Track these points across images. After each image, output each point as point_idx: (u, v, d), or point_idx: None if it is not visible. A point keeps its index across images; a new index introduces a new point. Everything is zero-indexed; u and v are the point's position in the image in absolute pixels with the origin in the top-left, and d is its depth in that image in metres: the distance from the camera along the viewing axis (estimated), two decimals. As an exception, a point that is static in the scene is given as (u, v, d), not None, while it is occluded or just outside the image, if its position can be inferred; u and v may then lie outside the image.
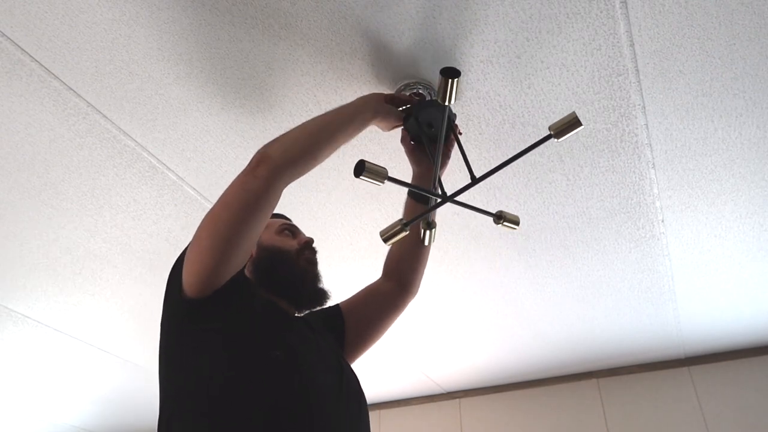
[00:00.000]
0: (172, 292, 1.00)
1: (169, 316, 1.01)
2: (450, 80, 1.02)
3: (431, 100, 1.24)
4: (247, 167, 0.98)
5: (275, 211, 1.30)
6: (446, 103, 1.06)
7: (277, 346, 0.97)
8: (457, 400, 3.13)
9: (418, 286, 1.34)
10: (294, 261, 1.16)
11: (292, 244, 1.18)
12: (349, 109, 1.12)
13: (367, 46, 1.17)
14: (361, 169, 1.05)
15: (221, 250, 0.93)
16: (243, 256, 0.97)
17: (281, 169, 0.98)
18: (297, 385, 0.94)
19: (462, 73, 1.23)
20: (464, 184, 1.17)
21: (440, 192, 1.19)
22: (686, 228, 1.75)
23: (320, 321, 1.21)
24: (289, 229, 1.22)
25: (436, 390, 3.13)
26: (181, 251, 1.03)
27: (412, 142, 1.25)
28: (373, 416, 3.22)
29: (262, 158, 0.98)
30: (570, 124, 1.06)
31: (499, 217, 1.21)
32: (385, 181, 1.08)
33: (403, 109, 1.20)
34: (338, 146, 1.09)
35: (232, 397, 0.89)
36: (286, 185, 1.01)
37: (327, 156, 1.08)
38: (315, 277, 1.17)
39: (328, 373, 1.03)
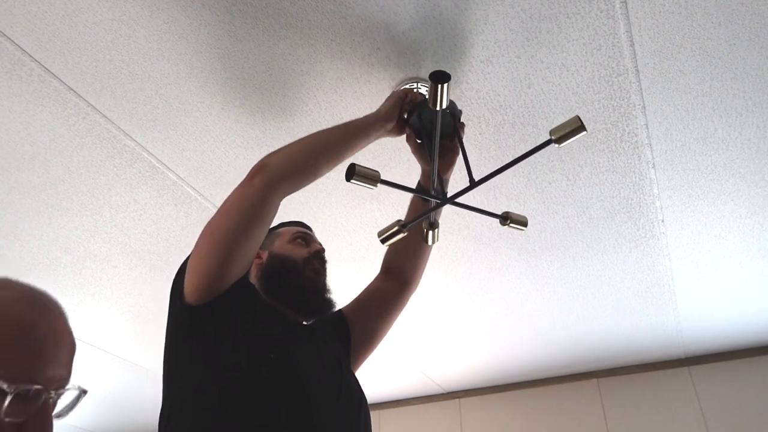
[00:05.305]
0: (175, 299, 1.02)
1: (172, 322, 1.03)
2: (439, 85, 0.97)
3: None
4: (245, 177, 1.00)
5: (295, 219, 1.32)
6: (437, 108, 1.01)
7: (272, 350, 0.97)
8: (457, 400, 3.13)
9: (419, 281, 1.34)
10: (300, 270, 1.16)
11: (301, 252, 1.18)
12: (357, 127, 1.11)
13: (366, 46, 1.17)
14: (352, 173, 1.03)
15: (220, 259, 0.95)
16: (242, 264, 0.98)
17: (278, 180, 0.99)
18: (293, 388, 0.94)
19: (452, 77, 1.19)
20: (464, 184, 1.16)
21: (441, 193, 1.17)
22: (686, 228, 1.75)
23: (327, 327, 1.21)
24: (302, 237, 1.22)
25: (436, 390, 3.13)
26: (185, 258, 1.04)
27: (418, 141, 1.24)
28: (373, 416, 3.20)
29: (260, 168, 1.00)
30: (573, 129, 1.00)
31: (506, 219, 1.18)
32: (378, 184, 1.06)
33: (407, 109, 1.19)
34: (341, 161, 1.09)
35: (229, 398, 0.90)
36: (284, 196, 1.02)
37: (328, 171, 1.08)
38: (320, 287, 1.17)
39: (326, 377, 1.03)
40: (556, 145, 1.04)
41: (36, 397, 0.52)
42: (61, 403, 0.56)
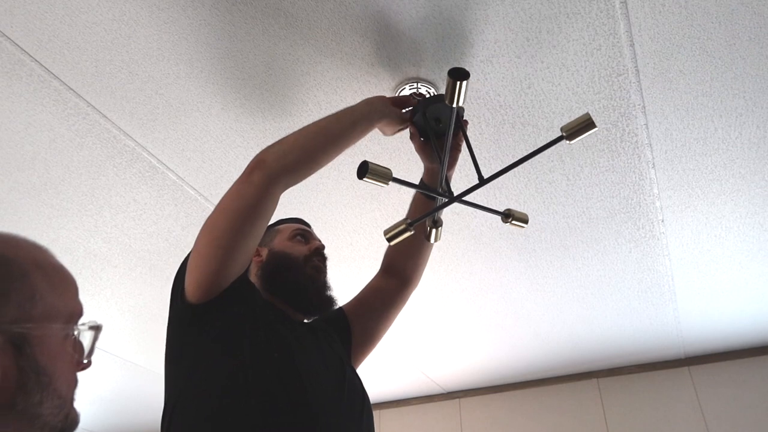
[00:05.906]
0: (175, 297, 1.01)
1: (173, 321, 1.02)
2: (458, 82, 0.98)
3: (439, 95, 1.23)
4: (243, 173, 0.98)
5: (295, 216, 1.31)
6: (453, 105, 1.02)
7: (275, 349, 0.97)
8: (457, 400, 3.13)
9: (420, 279, 1.34)
10: (301, 267, 1.15)
11: (301, 250, 1.18)
12: (353, 114, 1.09)
13: (367, 46, 1.17)
14: (365, 170, 1.02)
15: (219, 256, 0.94)
16: (242, 262, 0.98)
17: (276, 175, 0.97)
18: (295, 386, 0.94)
19: (471, 75, 1.19)
20: (469, 182, 1.16)
21: (447, 191, 1.17)
22: (686, 228, 1.75)
23: (326, 325, 1.21)
24: (302, 234, 1.22)
25: (436, 390, 3.13)
26: (185, 257, 1.04)
27: (422, 139, 1.23)
28: (373, 416, 3.22)
29: (257, 164, 0.98)
30: (584, 125, 1.01)
31: (507, 216, 1.18)
32: (390, 182, 1.05)
33: (409, 108, 1.19)
34: (340, 152, 1.07)
35: (231, 398, 0.90)
36: (283, 191, 1.00)
37: (328, 161, 1.06)
38: (321, 284, 1.16)
39: (329, 376, 1.03)
40: (568, 142, 1.04)
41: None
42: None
